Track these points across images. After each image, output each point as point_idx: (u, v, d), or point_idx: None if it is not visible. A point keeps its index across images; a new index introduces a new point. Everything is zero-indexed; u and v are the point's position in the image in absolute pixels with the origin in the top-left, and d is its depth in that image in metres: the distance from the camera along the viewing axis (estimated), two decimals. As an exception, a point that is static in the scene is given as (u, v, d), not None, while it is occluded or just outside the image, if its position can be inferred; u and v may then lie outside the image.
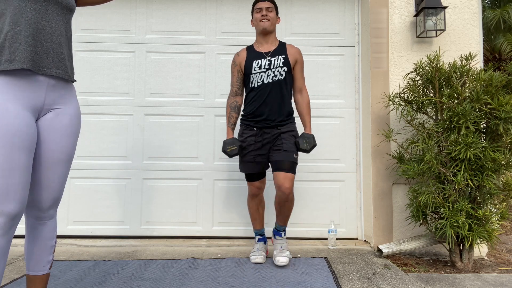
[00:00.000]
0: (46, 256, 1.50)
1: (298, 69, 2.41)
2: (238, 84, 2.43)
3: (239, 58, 2.42)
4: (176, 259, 2.49)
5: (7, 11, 1.33)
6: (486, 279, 2.24)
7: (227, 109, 2.45)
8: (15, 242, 2.89)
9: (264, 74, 2.33)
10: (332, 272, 2.23)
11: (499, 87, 2.33)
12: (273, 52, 2.37)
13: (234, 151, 2.33)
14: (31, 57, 1.34)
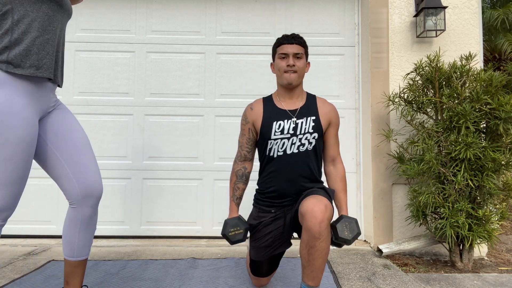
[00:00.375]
0: (92, 240, 1.58)
1: (332, 134, 1.84)
2: (249, 147, 1.88)
3: (253, 115, 1.84)
4: (176, 259, 2.49)
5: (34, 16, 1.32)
6: (486, 279, 2.24)
7: (232, 178, 1.89)
8: (15, 242, 2.89)
9: (287, 141, 1.76)
10: (332, 272, 2.23)
11: (499, 87, 2.33)
12: (300, 111, 1.81)
13: (238, 236, 1.78)
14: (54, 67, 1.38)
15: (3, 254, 2.59)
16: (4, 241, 2.93)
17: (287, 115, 1.80)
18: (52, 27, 1.36)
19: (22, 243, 2.88)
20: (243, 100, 3.16)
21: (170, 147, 3.15)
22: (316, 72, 3.20)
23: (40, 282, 2.05)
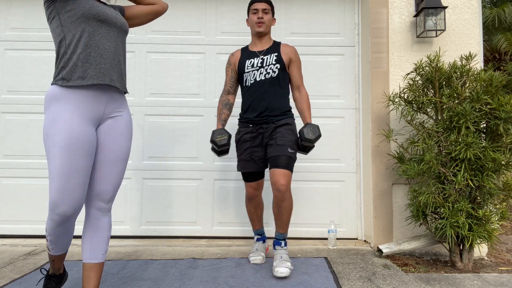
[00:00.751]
0: (104, 245, 1.68)
1: (293, 67, 2.37)
2: (231, 83, 2.43)
3: (233, 58, 2.42)
4: (176, 259, 2.49)
5: (78, 36, 1.58)
6: (486, 279, 2.24)
7: (219, 106, 2.42)
8: (15, 242, 2.89)
9: (256, 72, 2.32)
10: (332, 272, 2.23)
11: (499, 87, 2.33)
12: (266, 50, 2.36)
13: (223, 141, 2.23)
14: (100, 73, 1.59)
15: (3, 254, 2.59)
16: (4, 241, 2.93)
17: (256, 54, 2.36)
18: (93, 41, 1.59)
19: (22, 243, 2.88)
20: (243, 100, 3.16)
21: (170, 147, 3.15)
22: (316, 72, 3.20)
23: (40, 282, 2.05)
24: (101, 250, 1.66)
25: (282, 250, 2.27)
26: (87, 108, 1.58)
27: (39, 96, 3.13)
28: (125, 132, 1.72)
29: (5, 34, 3.17)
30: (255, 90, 2.31)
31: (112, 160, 1.68)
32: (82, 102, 1.57)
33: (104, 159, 1.67)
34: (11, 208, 3.08)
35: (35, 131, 3.11)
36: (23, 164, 3.09)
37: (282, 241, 2.30)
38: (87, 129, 1.57)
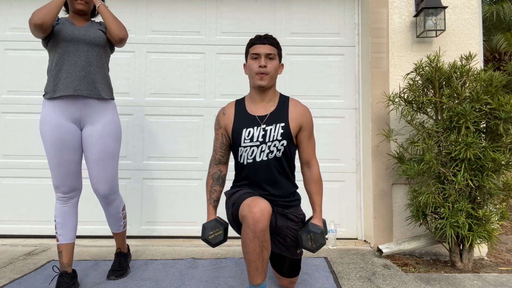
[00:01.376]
0: (118, 222, 2.15)
1: (304, 137, 1.83)
2: (222, 152, 1.90)
3: (224, 120, 1.86)
4: (176, 259, 2.49)
5: (53, 56, 1.92)
6: (486, 279, 2.24)
7: (208, 181, 1.90)
8: (15, 242, 2.90)
9: (256, 149, 1.78)
10: (332, 272, 2.23)
11: (499, 87, 2.33)
12: (270, 117, 1.80)
13: (218, 238, 1.81)
14: (67, 86, 1.87)
15: (3, 254, 2.59)
16: (4, 241, 2.93)
17: (256, 122, 1.80)
18: (62, 60, 1.89)
19: (22, 243, 2.88)
20: (243, 100, 3.16)
21: (170, 147, 3.15)
22: (316, 72, 3.20)
23: (40, 282, 2.05)
24: (117, 225, 2.16)
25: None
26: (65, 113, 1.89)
27: (39, 96, 3.13)
28: (102, 133, 1.95)
29: (5, 34, 3.17)
30: (255, 173, 1.81)
31: (95, 160, 1.95)
32: (60, 109, 1.89)
33: (91, 161, 1.96)
34: (11, 208, 3.08)
35: (35, 131, 3.11)
36: (23, 164, 3.09)
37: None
38: (68, 127, 1.90)
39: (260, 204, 1.57)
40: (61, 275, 1.90)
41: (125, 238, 2.23)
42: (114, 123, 2.00)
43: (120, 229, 2.18)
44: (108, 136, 1.96)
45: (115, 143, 2.00)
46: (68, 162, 1.90)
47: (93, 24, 2.00)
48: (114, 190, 2.04)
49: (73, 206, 1.97)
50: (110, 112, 2.00)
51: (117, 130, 2.02)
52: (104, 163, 1.96)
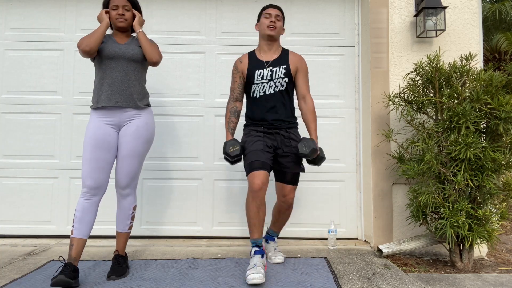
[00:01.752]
0: (126, 220, 2.27)
1: (300, 77, 2.38)
2: (239, 90, 2.40)
3: (241, 66, 2.39)
4: (176, 259, 2.49)
5: (97, 72, 2.21)
6: (486, 279, 2.24)
7: (227, 114, 2.39)
8: (15, 242, 2.90)
9: (266, 84, 2.33)
10: (332, 272, 2.23)
11: (499, 87, 2.33)
12: (275, 61, 2.35)
13: (236, 152, 2.22)
14: (107, 98, 2.15)
15: (3, 254, 2.59)
16: (4, 241, 2.93)
17: (265, 65, 2.35)
18: (105, 75, 2.17)
19: (22, 243, 2.88)
20: (243, 100, 3.16)
21: (170, 147, 3.15)
22: (316, 72, 3.20)
23: (40, 282, 2.05)
24: (124, 223, 2.26)
25: (275, 244, 2.54)
26: (106, 119, 2.17)
27: (39, 96, 3.13)
28: (134, 134, 2.19)
29: (5, 34, 3.17)
30: (265, 103, 2.33)
31: (123, 156, 2.19)
32: (102, 116, 2.17)
33: (119, 155, 2.20)
34: (11, 208, 3.08)
35: (35, 131, 3.11)
36: (23, 164, 3.09)
37: (275, 237, 2.56)
38: (105, 129, 2.15)
39: (261, 176, 2.17)
40: (66, 265, 1.95)
41: (127, 241, 2.29)
42: (147, 127, 2.24)
43: (126, 228, 2.27)
44: (138, 138, 2.20)
45: (144, 145, 2.23)
46: (98, 158, 2.10)
47: (133, 41, 2.26)
48: (132, 185, 2.25)
49: (94, 204, 2.11)
50: (145, 117, 2.25)
51: (148, 133, 2.25)
52: (130, 160, 2.19)
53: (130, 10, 2.23)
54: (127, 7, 2.22)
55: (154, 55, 2.20)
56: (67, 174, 3.11)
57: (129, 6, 2.23)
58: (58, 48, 3.17)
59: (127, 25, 2.23)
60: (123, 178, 2.21)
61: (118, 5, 2.19)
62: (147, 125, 2.24)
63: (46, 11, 3.20)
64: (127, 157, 2.19)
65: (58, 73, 3.16)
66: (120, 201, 2.26)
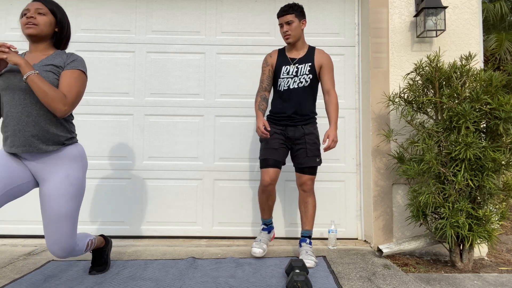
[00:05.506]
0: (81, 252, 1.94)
1: (324, 73, 2.50)
2: (268, 81, 2.59)
3: (271, 60, 2.59)
4: (176, 259, 2.49)
5: None
6: (486, 279, 2.24)
7: (257, 99, 2.55)
8: (15, 242, 2.89)
9: (291, 80, 2.50)
10: (332, 272, 2.23)
11: (499, 87, 2.33)
12: (301, 59, 2.52)
13: None
14: (5, 142, 1.72)
15: (3, 254, 2.59)
16: (4, 241, 2.93)
17: (292, 62, 2.52)
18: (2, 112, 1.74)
19: (22, 243, 2.88)
20: (243, 100, 3.16)
21: (170, 147, 3.15)
22: (316, 72, 3.19)
23: (40, 282, 2.05)
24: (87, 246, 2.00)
25: (307, 247, 2.51)
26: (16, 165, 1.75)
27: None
28: (56, 192, 1.75)
29: (5, 34, 3.17)
30: (288, 97, 2.50)
31: (49, 220, 1.75)
32: None
33: (43, 215, 1.77)
34: (11, 208, 3.08)
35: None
36: (23, 164, 3.09)
37: (307, 239, 2.54)
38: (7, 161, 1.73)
39: (270, 173, 2.44)
40: None
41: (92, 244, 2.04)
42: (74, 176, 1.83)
43: (82, 251, 1.97)
44: (60, 196, 1.78)
45: (72, 201, 1.81)
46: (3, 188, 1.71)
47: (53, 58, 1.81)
48: (72, 249, 1.85)
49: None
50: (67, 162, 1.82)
51: (75, 185, 1.82)
52: (57, 222, 1.78)
53: (46, 15, 1.74)
54: (42, 11, 1.73)
55: (53, 105, 1.65)
56: (67, 174, 3.11)
57: (45, 10, 1.75)
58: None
59: (38, 32, 1.73)
60: (56, 247, 1.77)
61: (30, 9, 1.73)
62: (72, 174, 1.79)
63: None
64: (54, 221, 1.75)
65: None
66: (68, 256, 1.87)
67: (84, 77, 1.80)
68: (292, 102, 2.49)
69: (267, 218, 2.62)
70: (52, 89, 1.65)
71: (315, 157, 2.48)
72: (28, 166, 1.76)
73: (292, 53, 2.56)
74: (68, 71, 1.75)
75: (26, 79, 1.61)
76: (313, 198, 2.55)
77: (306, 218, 2.54)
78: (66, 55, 1.81)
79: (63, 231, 1.77)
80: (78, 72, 1.77)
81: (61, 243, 1.77)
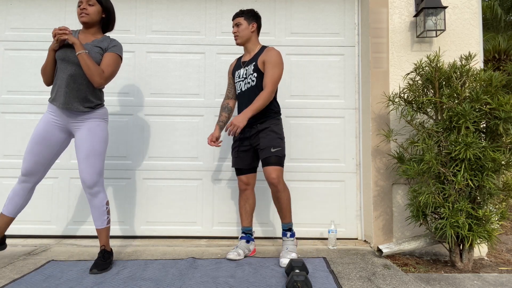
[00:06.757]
0: (101, 216, 2.29)
1: (266, 67, 2.46)
2: (229, 89, 2.70)
3: (230, 68, 2.71)
4: (176, 259, 2.49)
5: None
6: (486, 279, 2.24)
7: (220, 110, 2.68)
8: (15, 242, 2.89)
9: (242, 82, 2.56)
10: (332, 272, 2.23)
11: (498, 87, 2.34)
12: (249, 61, 2.55)
13: None
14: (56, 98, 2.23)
15: (3, 254, 2.59)
16: (4, 241, 2.93)
17: (243, 65, 2.59)
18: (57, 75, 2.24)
19: (22, 243, 2.88)
20: (243, 100, 3.16)
21: (170, 147, 3.15)
22: (316, 72, 3.20)
23: (40, 282, 2.05)
24: (99, 220, 2.29)
25: (288, 241, 2.48)
26: (54, 118, 2.25)
27: (39, 96, 3.13)
28: (84, 137, 2.23)
29: (5, 34, 3.17)
30: (242, 99, 2.56)
31: (82, 157, 2.22)
32: (52, 113, 2.26)
33: (78, 157, 2.24)
34: (11, 208, 3.08)
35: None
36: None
37: (287, 232, 2.50)
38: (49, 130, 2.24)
39: (242, 179, 2.60)
40: None
41: (108, 235, 2.34)
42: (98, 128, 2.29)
43: (104, 224, 2.30)
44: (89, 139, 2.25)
45: (100, 144, 2.28)
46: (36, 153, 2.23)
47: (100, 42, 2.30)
48: (98, 183, 2.26)
49: (24, 189, 2.26)
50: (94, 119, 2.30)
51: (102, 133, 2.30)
52: (88, 159, 2.23)
53: (94, 5, 2.23)
54: (91, 2, 2.22)
55: (93, 77, 2.18)
56: (67, 174, 3.11)
57: (93, 1, 2.23)
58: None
59: (89, 20, 2.22)
60: (87, 177, 2.22)
61: (82, 0, 2.21)
62: (97, 127, 2.26)
63: (47, 11, 3.20)
64: (85, 158, 2.22)
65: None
66: (91, 200, 2.27)
67: (120, 60, 2.30)
68: (245, 103, 2.52)
69: (245, 226, 2.61)
70: (95, 66, 2.15)
71: (269, 148, 2.42)
72: (65, 123, 2.25)
73: (245, 57, 2.60)
74: (109, 53, 2.25)
75: (78, 55, 2.12)
76: (285, 193, 2.44)
77: (282, 213, 2.48)
78: (110, 40, 2.29)
79: (95, 165, 2.23)
80: (116, 56, 2.27)
81: (93, 174, 2.23)
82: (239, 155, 2.57)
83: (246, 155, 2.56)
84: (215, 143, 2.56)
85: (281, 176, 2.43)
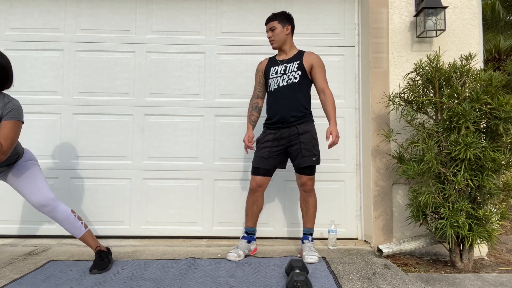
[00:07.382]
0: (74, 225, 2.17)
1: (316, 72, 2.52)
2: (259, 88, 2.67)
3: (261, 66, 2.66)
4: (176, 259, 2.49)
5: None
6: (486, 279, 2.24)
7: (249, 109, 2.66)
8: (15, 242, 2.89)
9: (280, 78, 2.53)
10: (332, 272, 2.23)
11: (499, 87, 2.34)
12: (289, 59, 2.55)
13: None
14: None
15: (3, 254, 2.59)
16: (4, 241, 2.93)
17: (280, 62, 2.57)
18: None
19: (22, 243, 2.88)
20: (243, 100, 3.16)
21: (170, 147, 3.15)
22: (316, 72, 3.19)
23: (40, 282, 2.05)
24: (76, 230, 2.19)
25: (309, 243, 2.57)
26: None
27: (39, 96, 3.13)
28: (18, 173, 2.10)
29: (5, 34, 3.17)
30: (279, 95, 2.51)
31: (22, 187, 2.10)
32: None
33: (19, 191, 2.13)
34: (11, 208, 3.08)
35: (35, 131, 3.11)
36: (23, 164, 3.09)
37: (309, 236, 2.60)
38: None
39: (257, 180, 2.52)
40: None
41: (93, 237, 2.26)
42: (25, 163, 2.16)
43: (82, 230, 2.21)
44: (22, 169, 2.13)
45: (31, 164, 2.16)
46: None
47: None
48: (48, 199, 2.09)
49: None
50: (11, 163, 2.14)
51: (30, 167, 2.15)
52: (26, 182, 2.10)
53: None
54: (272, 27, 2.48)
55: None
56: (67, 174, 3.11)
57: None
58: (58, 48, 3.17)
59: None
60: (35, 199, 2.08)
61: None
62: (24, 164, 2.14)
63: (47, 11, 3.20)
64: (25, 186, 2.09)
65: (58, 73, 3.16)
66: (55, 217, 2.14)
67: (20, 125, 1.95)
68: (283, 99, 2.50)
69: (250, 226, 2.59)
70: None
71: (311, 156, 2.46)
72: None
73: (281, 56, 2.60)
74: (6, 122, 1.88)
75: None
76: (313, 198, 2.58)
77: (307, 217, 2.58)
78: (4, 101, 1.92)
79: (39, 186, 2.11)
80: (14, 123, 1.90)
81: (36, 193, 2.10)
82: (270, 156, 2.50)
83: (278, 156, 2.53)
84: (251, 143, 2.55)
85: (314, 184, 2.57)
